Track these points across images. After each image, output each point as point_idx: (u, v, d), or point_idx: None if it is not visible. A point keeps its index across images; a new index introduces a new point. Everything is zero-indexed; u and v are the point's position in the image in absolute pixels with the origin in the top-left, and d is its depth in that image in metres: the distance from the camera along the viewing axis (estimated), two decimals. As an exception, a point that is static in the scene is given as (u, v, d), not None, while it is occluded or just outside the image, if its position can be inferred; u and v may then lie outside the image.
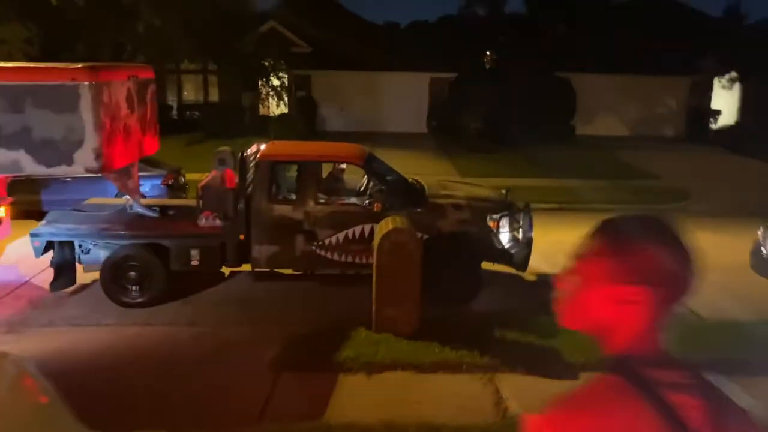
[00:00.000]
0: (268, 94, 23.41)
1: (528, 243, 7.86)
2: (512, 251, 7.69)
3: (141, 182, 11.91)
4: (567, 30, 28.07)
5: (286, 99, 24.22)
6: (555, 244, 10.98)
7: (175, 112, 23.94)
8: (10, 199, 8.40)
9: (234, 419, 5.00)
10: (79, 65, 6.60)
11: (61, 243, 7.38)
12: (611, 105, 26.26)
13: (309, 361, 6.00)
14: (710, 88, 26.51)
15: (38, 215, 9.06)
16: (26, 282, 8.18)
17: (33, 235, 7.34)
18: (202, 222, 7.48)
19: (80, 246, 7.41)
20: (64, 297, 7.65)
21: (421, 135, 24.45)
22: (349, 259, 7.51)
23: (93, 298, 7.57)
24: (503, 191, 8.62)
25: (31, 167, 6.59)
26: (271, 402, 5.31)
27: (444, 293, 7.45)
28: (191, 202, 8.44)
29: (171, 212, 8.15)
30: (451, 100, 24.16)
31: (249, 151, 7.79)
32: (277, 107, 24.19)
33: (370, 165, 7.96)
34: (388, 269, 6.11)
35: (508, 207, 7.94)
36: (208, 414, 5.12)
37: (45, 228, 7.45)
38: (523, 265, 7.80)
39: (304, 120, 23.20)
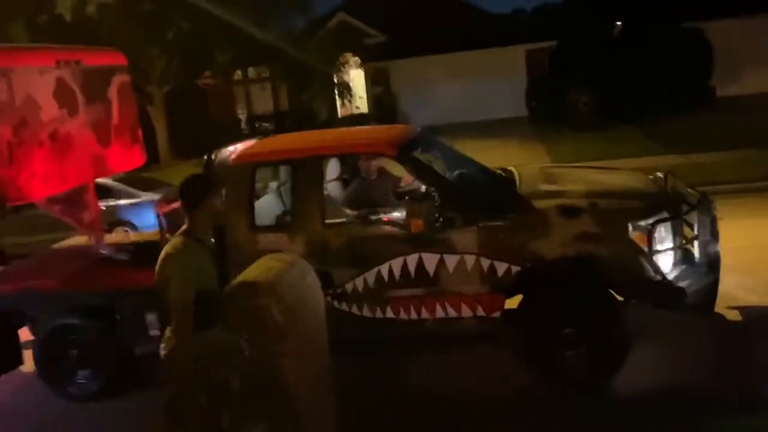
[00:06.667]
0: (341, 94, 21.08)
1: (712, 265, 4.43)
2: (682, 283, 4.31)
3: (129, 211, 9.95)
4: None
5: (363, 96, 21.79)
6: (745, 249, 6.47)
7: (244, 125, 22.30)
8: None
9: None
10: None
11: None
12: (763, 56, 20.87)
13: None
14: None
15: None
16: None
17: None
18: None
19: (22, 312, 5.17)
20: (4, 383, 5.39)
21: (520, 119, 20.85)
22: (386, 314, 4.60)
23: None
24: (659, 176, 5.12)
25: None
26: None
27: (559, 372, 4.43)
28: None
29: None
30: (553, 73, 20.35)
31: (223, 155, 5.09)
32: (355, 108, 21.81)
33: (408, 156, 4.79)
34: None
35: (668, 206, 4.54)
36: None
37: None
38: (704, 305, 4.39)
39: (383, 117, 20.65)
